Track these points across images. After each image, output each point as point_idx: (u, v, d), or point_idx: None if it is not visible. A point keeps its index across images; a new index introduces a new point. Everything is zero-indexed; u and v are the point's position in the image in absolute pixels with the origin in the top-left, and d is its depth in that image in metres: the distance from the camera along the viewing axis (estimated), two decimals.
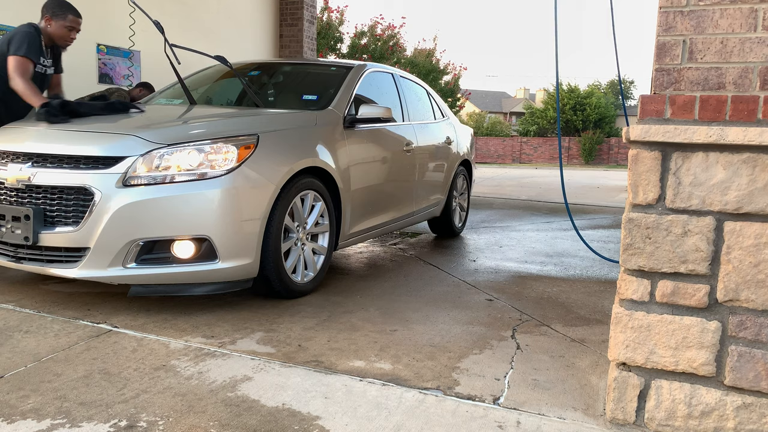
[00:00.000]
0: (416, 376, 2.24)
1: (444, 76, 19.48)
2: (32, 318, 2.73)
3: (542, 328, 2.88)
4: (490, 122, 41.24)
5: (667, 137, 1.73)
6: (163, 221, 2.70)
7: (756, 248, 1.70)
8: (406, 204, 4.40)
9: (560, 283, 3.80)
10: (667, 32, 1.77)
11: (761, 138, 1.64)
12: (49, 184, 2.76)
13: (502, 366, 2.37)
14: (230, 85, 4.39)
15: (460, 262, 4.33)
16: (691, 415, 1.80)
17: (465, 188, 5.68)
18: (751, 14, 1.68)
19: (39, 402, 1.92)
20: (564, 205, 7.08)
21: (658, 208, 1.79)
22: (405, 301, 3.25)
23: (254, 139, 2.95)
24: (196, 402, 1.96)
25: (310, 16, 8.75)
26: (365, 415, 1.92)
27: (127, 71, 6.26)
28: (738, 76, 1.71)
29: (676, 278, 1.79)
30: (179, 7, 6.87)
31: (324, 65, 4.65)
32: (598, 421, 1.93)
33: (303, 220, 3.23)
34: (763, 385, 1.73)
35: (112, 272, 2.72)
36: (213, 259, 2.78)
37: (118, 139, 2.82)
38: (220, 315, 2.88)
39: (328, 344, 2.54)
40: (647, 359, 1.83)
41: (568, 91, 35.29)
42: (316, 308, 3.05)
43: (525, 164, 32.85)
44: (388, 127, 4.16)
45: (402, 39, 18.21)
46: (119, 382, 2.09)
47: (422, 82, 5.36)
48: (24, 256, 2.85)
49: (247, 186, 2.83)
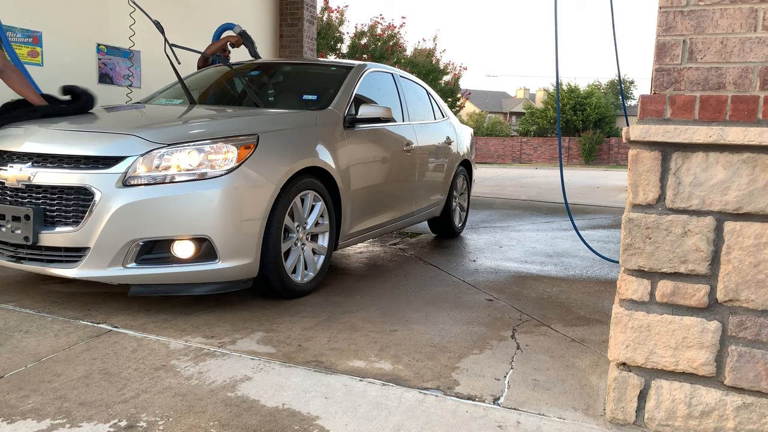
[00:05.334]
0: (416, 376, 2.24)
1: (444, 76, 19.49)
2: (32, 318, 2.73)
3: (542, 328, 2.88)
4: (490, 122, 41.25)
5: (667, 137, 1.73)
6: (163, 221, 2.70)
7: (756, 248, 1.70)
8: (406, 204, 4.40)
9: (560, 283, 3.80)
10: (667, 32, 1.77)
11: (761, 138, 1.64)
12: (49, 184, 2.76)
13: (502, 366, 2.37)
14: (230, 85, 4.39)
15: (460, 262, 4.33)
16: (691, 415, 1.80)
17: (465, 188, 5.68)
18: (751, 14, 1.68)
19: (39, 402, 1.92)
20: (564, 205, 7.08)
21: (658, 208, 1.79)
22: (405, 301, 3.25)
23: (254, 139, 2.95)
24: (196, 402, 1.96)
25: (310, 16, 8.75)
26: (365, 415, 1.92)
27: (127, 71, 6.26)
28: (738, 76, 1.71)
29: (676, 278, 1.79)
30: (179, 7, 6.87)
31: (324, 65, 4.65)
32: (598, 421, 1.93)
33: (303, 220, 3.22)
34: (763, 385, 1.73)
35: (112, 272, 2.72)
36: (213, 259, 2.78)
37: (118, 138, 2.82)
38: (220, 315, 2.88)
39: (328, 344, 2.54)
40: (647, 359, 1.83)
41: (568, 91, 35.30)
42: (316, 308, 3.05)
43: (525, 164, 32.85)
44: (388, 127, 4.16)
45: (402, 39, 18.22)
46: (119, 382, 2.09)
47: (422, 82, 5.36)
48: (24, 256, 2.85)
49: (247, 186, 2.83)
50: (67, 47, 5.54)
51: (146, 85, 6.30)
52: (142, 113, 3.49)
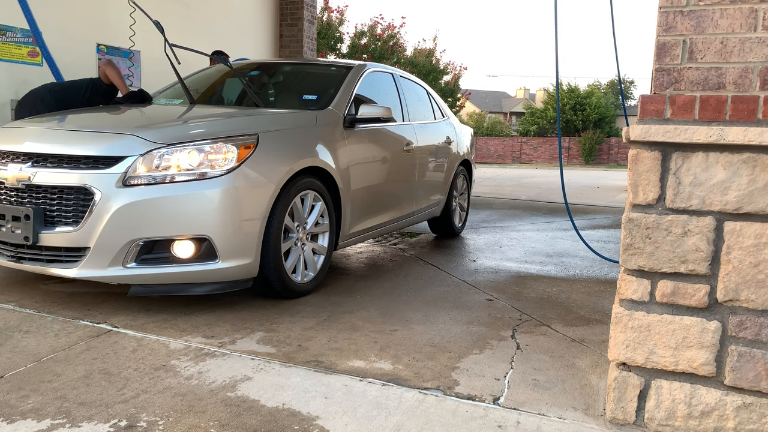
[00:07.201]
0: (416, 376, 2.24)
1: (444, 76, 19.49)
2: (32, 318, 2.73)
3: (542, 328, 2.88)
4: (490, 122, 41.26)
5: (667, 137, 1.73)
6: (163, 221, 2.70)
7: (756, 248, 1.70)
8: (406, 204, 4.40)
9: (560, 283, 3.80)
10: (667, 32, 1.77)
11: (761, 138, 1.64)
12: (49, 184, 2.76)
13: (502, 366, 2.37)
14: (230, 85, 4.39)
15: (460, 262, 4.33)
16: (691, 415, 1.80)
17: (465, 188, 5.68)
18: (751, 14, 1.68)
19: (39, 402, 1.92)
20: (564, 205, 7.08)
21: (658, 208, 1.79)
22: (405, 301, 3.25)
23: (254, 139, 2.95)
24: (196, 402, 1.96)
25: (310, 16, 8.75)
26: (365, 415, 1.92)
27: (127, 71, 6.26)
28: (738, 76, 1.71)
29: (676, 278, 1.79)
30: (179, 7, 6.87)
31: (324, 65, 4.65)
32: (598, 421, 1.93)
33: (303, 220, 3.22)
34: (763, 385, 1.73)
35: (112, 272, 2.72)
36: (213, 259, 2.78)
37: (118, 138, 2.82)
38: (220, 315, 2.88)
39: (328, 344, 2.54)
40: (647, 359, 1.83)
41: (568, 91, 35.30)
42: (316, 308, 3.05)
43: (525, 164, 32.85)
44: (388, 127, 4.16)
45: (402, 39, 18.23)
46: (119, 382, 2.09)
47: (422, 82, 5.36)
48: (24, 255, 2.85)
49: (247, 186, 2.83)
50: (67, 47, 5.54)
51: (146, 85, 6.30)
52: (142, 113, 3.49)
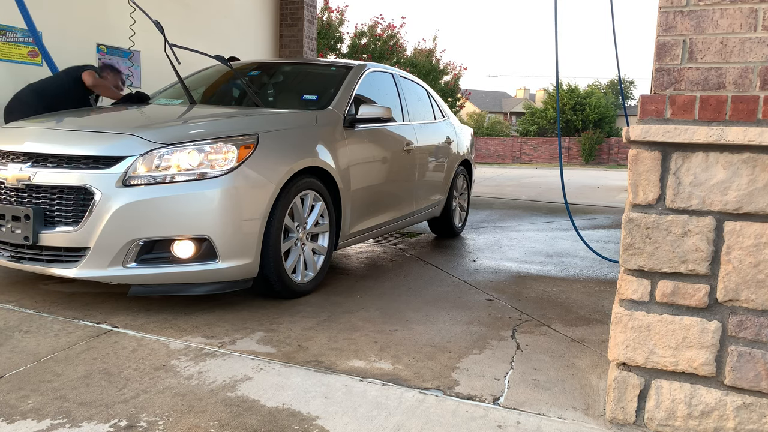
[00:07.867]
0: (416, 376, 2.24)
1: (444, 76, 19.48)
2: (32, 318, 2.73)
3: (542, 328, 2.88)
4: (490, 122, 41.25)
5: (667, 137, 1.73)
6: (163, 221, 2.70)
7: (756, 248, 1.70)
8: (406, 204, 4.40)
9: (560, 283, 3.80)
10: (667, 32, 1.77)
11: (761, 138, 1.64)
12: (49, 184, 2.76)
13: (502, 366, 2.37)
14: (230, 85, 4.39)
15: (460, 262, 4.33)
16: (691, 415, 1.80)
17: (465, 188, 5.68)
18: (751, 14, 1.68)
19: (39, 402, 1.92)
20: (564, 205, 7.08)
21: (658, 208, 1.79)
22: (405, 301, 3.25)
23: (254, 139, 2.95)
24: (196, 402, 1.96)
25: (310, 16, 8.75)
26: (365, 415, 1.92)
27: (127, 71, 6.25)
28: (738, 76, 1.71)
29: (676, 278, 1.79)
30: (179, 7, 6.86)
31: (324, 65, 4.65)
32: (598, 421, 1.93)
33: (303, 220, 3.22)
34: (763, 385, 1.73)
35: (112, 272, 2.72)
36: (213, 259, 2.78)
37: (118, 138, 2.82)
38: (220, 315, 2.88)
39: (328, 344, 2.54)
40: (647, 359, 1.83)
41: (568, 91, 35.30)
42: (316, 308, 3.05)
43: (525, 164, 32.84)
44: (388, 127, 4.16)
45: (402, 39, 18.22)
46: (119, 382, 2.09)
47: (422, 82, 5.36)
48: (24, 255, 2.85)
49: (247, 186, 2.83)
50: (67, 47, 5.54)
51: (146, 85, 6.30)
52: (142, 113, 3.49)
